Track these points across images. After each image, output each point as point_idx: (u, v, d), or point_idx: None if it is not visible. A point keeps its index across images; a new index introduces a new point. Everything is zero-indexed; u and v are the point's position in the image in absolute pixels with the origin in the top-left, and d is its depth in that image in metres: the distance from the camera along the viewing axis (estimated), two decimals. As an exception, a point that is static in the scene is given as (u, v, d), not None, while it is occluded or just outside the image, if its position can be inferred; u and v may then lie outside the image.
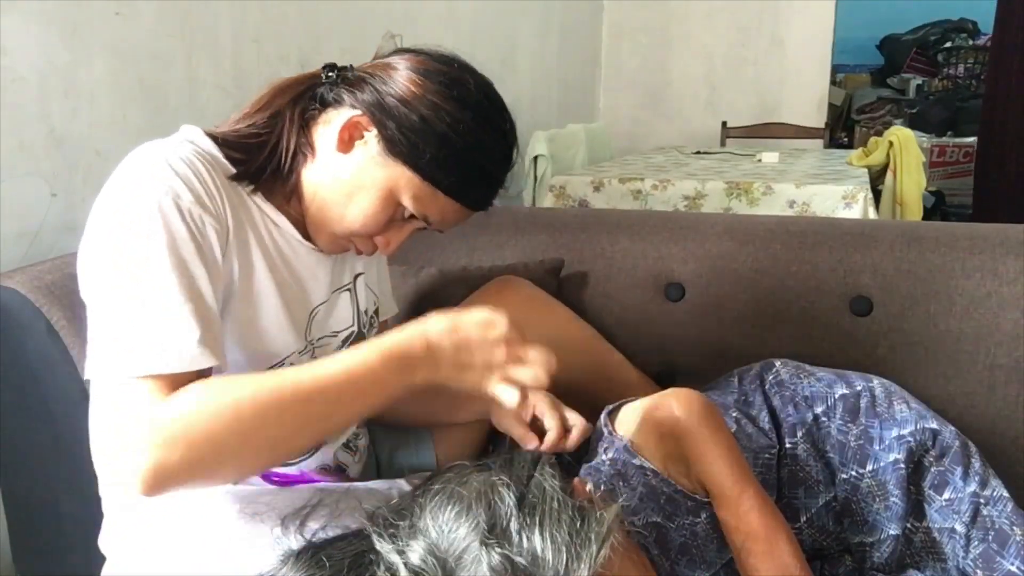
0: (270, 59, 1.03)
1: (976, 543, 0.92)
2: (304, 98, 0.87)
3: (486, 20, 2.98)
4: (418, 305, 1.30)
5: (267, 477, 0.93)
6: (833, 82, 5.13)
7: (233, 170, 0.83)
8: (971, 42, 5.93)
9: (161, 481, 0.66)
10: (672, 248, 1.35)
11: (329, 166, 0.85)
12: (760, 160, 3.07)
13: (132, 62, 1.37)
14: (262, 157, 0.85)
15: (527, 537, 0.63)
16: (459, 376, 0.76)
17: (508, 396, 0.77)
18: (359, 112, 0.82)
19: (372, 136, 0.82)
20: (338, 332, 0.95)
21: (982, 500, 0.93)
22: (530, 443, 0.92)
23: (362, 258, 1.01)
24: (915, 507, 0.95)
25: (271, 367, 0.85)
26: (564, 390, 1.20)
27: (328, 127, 0.84)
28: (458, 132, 0.81)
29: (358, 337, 0.97)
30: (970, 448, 0.97)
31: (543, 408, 0.95)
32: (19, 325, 1.01)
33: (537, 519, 0.65)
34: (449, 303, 1.24)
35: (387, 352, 0.73)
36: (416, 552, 0.64)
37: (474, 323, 0.76)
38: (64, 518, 1.07)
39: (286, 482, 0.93)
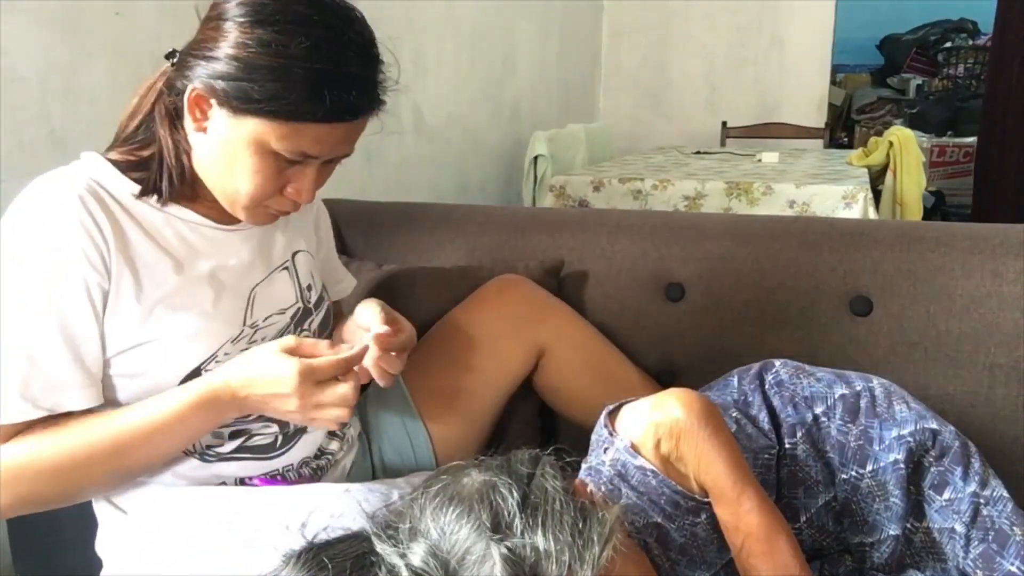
0: (270, 59, 1.05)
1: (976, 543, 0.92)
2: (163, 94, 0.88)
3: (486, 20, 2.98)
4: (418, 305, 1.30)
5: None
6: (833, 82, 5.13)
7: (137, 189, 0.86)
8: (971, 42, 5.93)
9: None
10: (672, 248, 1.35)
11: (202, 148, 0.86)
12: (760, 160, 3.07)
13: (132, 62, 1.37)
14: (156, 167, 0.87)
15: (531, 537, 0.64)
16: (271, 412, 0.86)
17: (331, 426, 0.89)
18: (192, 87, 0.82)
19: (215, 104, 0.82)
20: (284, 310, 0.96)
21: (982, 500, 0.93)
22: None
23: (300, 234, 1.03)
24: (915, 507, 0.95)
25: (204, 361, 0.87)
26: (565, 390, 1.21)
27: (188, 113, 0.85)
28: (270, 54, 0.77)
29: (304, 313, 0.99)
30: (970, 448, 0.97)
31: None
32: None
33: (540, 520, 0.65)
34: (449, 303, 1.24)
35: (196, 401, 0.83)
36: (417, 554, 0.64)
37: (264, 382, 0.82)
38: (64, 519, 1.06)
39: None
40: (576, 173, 2.79)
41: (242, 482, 0.93)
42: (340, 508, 0.79)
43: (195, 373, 0.86)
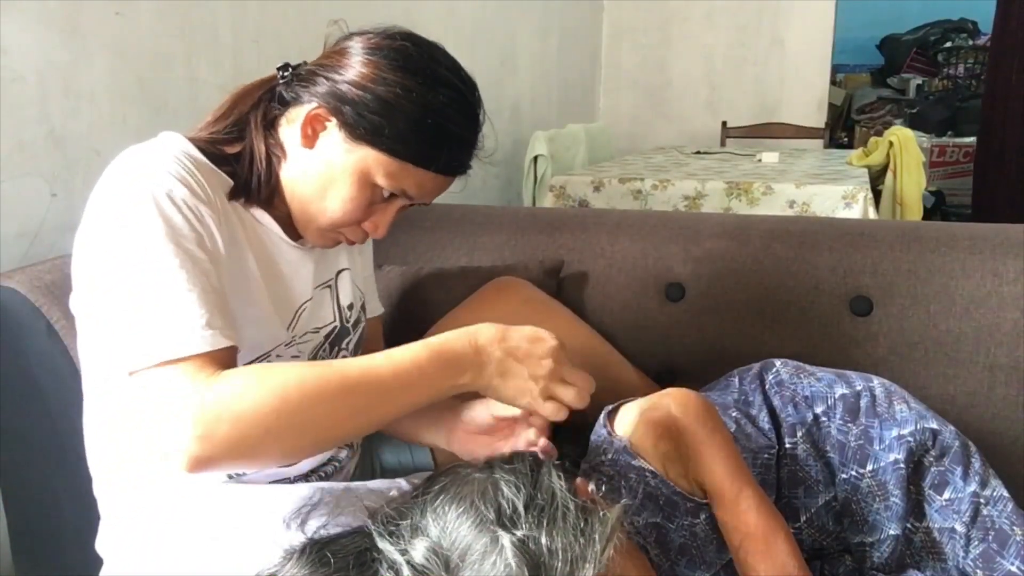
0: (270, 59, 1.03)
1: (976, 543, 0.92)
2: (264, 101, 0.88)
3: (486, 20, 2.98)
4: (418, 305, 1.30)
5: None
6: (833, 82, 5.13)
7: (224, 176, 0.85)
8: (971, 42, 5.93)
9: (206, 455, 0.68)
10: (672, 248, 1.35)
11: (300, 163, 0.86)
12: (760, 160, 3.07)
13: (132, 62, 1.37)
14: (246, 167, 0.86)
15: (536, 533, 0.64)
16: (502, 383, 0.78)
17: (551, 411, 0.79)
18: (316, 104, 0.83)
19: (333, 125, 0.83)
20: (319, 328, 0.95)
21: (982, 500, 0.93)
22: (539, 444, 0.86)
23: (345, 253, 1.02)
24: (915, 507, 0.95)
25: (256, 359, 0.86)
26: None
27: (292, 125, 0.86)
28: (411, 100, 0.81)
29: (340, 332, 0.98)
30: (970, 448, 0.97)
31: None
32: (19, 325, 1.01)
33: (544, 519, 0.65)
34: (449, 304, 1.24)
35: (437, 351, 0.76)
36: (419, 550, 0.64)
37: (523, 336, 0.79)
38: (64, 518, 1.07)
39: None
40: (576, 173, 2.79)
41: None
42: (340, 506, 0.80)
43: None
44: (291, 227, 0.91)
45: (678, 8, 4.26)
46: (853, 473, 0.97)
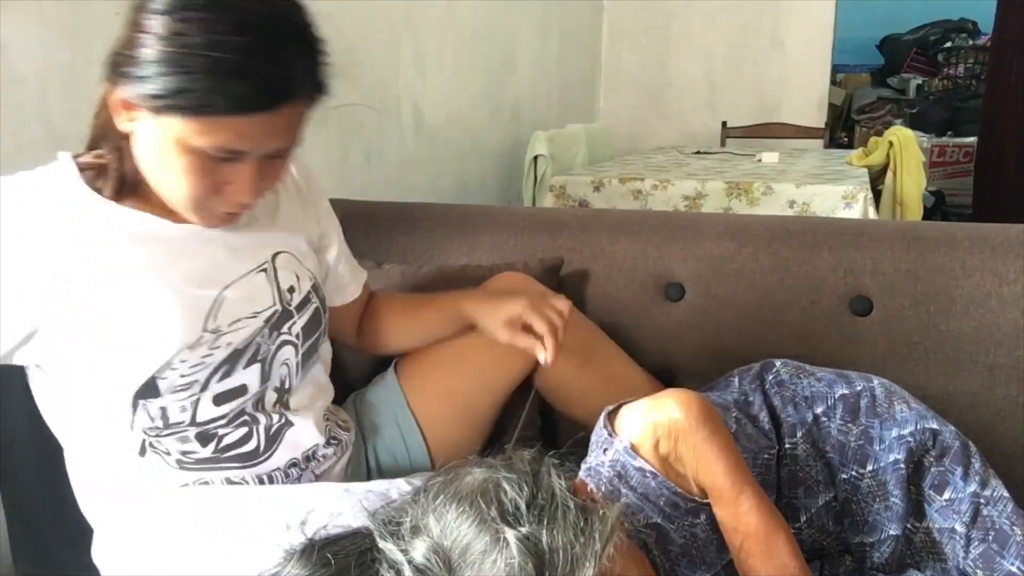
0: (270, 59, 1.05)
1: (976, 543, 0.92)
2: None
3: (486, 20, 2.98)
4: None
5: None
6: (833, 82, 5.13)
7: (98, 199, 0.84)
8: (971, 42, 5.93)
9: None
10: (672, 248, 1.35)
11: (136, 150, 0.83)
12: (760, 160, 3.07)
13: (132, 62, 1.37)
14: (109, 170, 0.85)
15: (537, 530, 0.64)
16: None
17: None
18: (116, 90, 0.79)
19: (136, 106, 0.78)
20: (258, 313, 0.92)
21: (982, 500, 0.93)
22: (539, 352, 1.03)
23: (291, 235, 1.00)
24: (915, 507, 0.95)
25: (159, 368, 0.84)
26: (565, 390, 1.20)
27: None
28: (181, 44, 0.73)
29: (283, 315, 0.95)
30: (970, 448, 0.97)
31: (531, 318, 1.04)
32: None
33: (545, 518, 0.65)
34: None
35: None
36: (420, 550, 0.64)
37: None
38: (64, 518, 1.07)
39: None
40: (576, 173, 2.79)
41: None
42: (340, 507, 0.79)
43: (151, 382, 0.84)
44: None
45: (678, 8, 4.25)
46: (853, 473, 0.97)
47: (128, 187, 0.86)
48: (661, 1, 4.27)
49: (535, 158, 2.94)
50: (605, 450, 0.87)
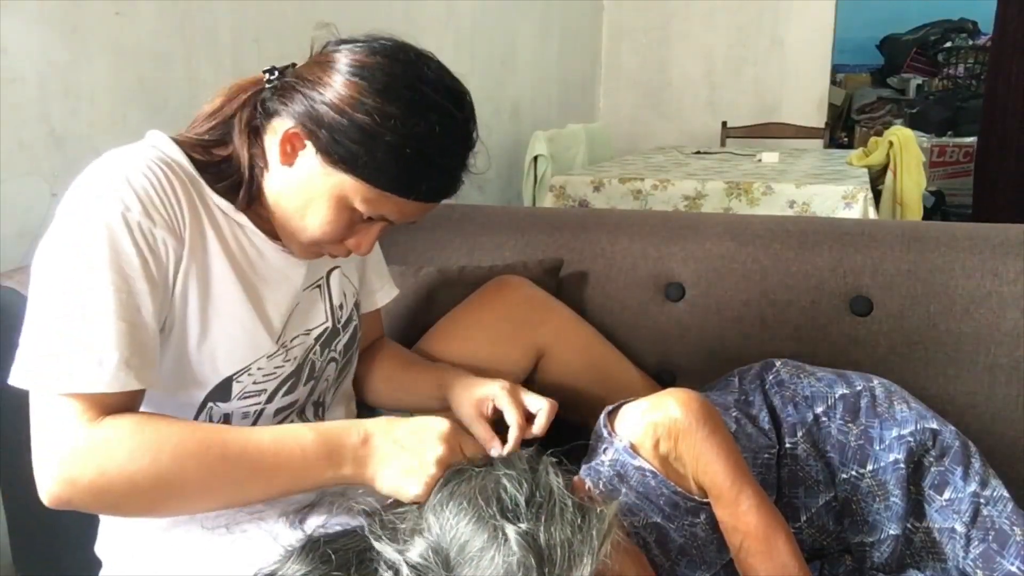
0: (270, 59, 1.03)
1: (976, 543, 0.92)
2: (249, 106, 0.86)
3: (486, 20, 2.98)
4: (418, 305, 1.30)
5: None
6: (833, 82, 5.13)
7: (197, 175, 0.83)
8: (971, 42, 5.93)
9: (66, 497, 0.72)
10: (672, 248, 1.35)
11: (280, 178, 0.84)
12: (760, 160, 3.07)
13: (132, 62, 1.38)
14: (224, 166, 0.85)
15: (536, 527, 0.64)
16: (386, 474, 0.77)
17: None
18: (293, 124, 0.80)
19: (309, 147, 0.81)
20: (311, 329, 0.94)
21: (982, 500, 0.93)
22: (492, 446, 0.90)
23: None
24: (915, 507, 0.95)
25: (238, 372, 0.85)
26: (564, 391, 1.20)
27: (274, 138, 0.83)
28: (391, 129, 0.77)
29: (332, 333, 0.97)
30: (970, 448, 0.97)
31: (502, 402, 0.94)
32: (19, 324, 1.01)
33: (543, 515, 0.65)
34: (449, 303, 1.24)
35: (324, 437, 0.77)
36: (417, 549, 0.64)
37: (410, 428, 0.79)
38: (64, 518, 1.06)
39: None
40: (576, 173, 2.79)
41: None
42: (339, 505, 0.80)
43: (226, 382, 0.85)
44: (273, 230, 0.89)
45: (678, 8, 4.26)
46: (853, 473, 0.97)
47: (250, 193, 0.86)
48: (661, 1, 4.28)
49: (535, 158, 2.94)
50: (605, 450, 0.87)
